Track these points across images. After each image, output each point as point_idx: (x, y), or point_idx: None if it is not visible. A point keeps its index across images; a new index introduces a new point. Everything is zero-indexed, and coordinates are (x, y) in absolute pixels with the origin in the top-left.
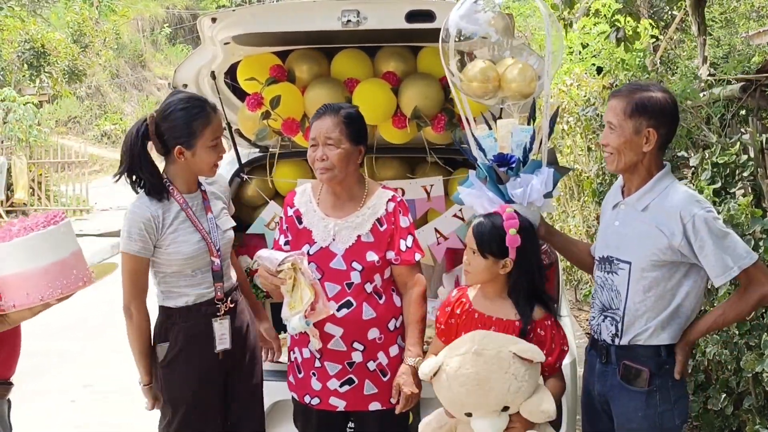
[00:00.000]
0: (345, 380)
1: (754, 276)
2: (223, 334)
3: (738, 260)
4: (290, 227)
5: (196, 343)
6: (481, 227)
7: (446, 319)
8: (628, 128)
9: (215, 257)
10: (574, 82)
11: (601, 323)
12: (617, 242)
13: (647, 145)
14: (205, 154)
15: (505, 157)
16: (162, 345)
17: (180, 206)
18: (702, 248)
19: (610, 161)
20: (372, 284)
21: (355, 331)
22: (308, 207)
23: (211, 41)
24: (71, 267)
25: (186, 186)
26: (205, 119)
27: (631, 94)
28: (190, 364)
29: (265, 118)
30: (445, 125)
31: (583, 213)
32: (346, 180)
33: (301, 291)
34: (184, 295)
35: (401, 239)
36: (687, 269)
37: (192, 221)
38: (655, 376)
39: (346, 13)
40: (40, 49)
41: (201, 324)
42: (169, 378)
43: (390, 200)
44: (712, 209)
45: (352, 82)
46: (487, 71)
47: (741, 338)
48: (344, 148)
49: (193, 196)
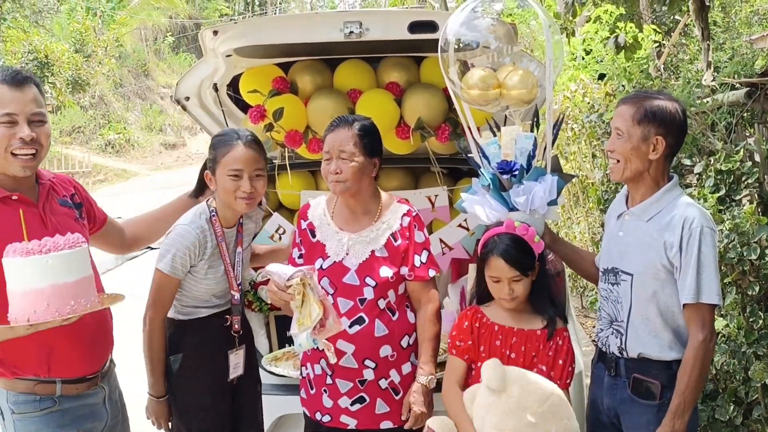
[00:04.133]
0: (356, 398)
1: (702, 317)
2: (237, 363)
3: (708, 295)
4: (303, 240)
5: (208, 353)
6: (510, 253)
7: (468, 335)
8: (636, 135)
9: (235, 291)
10: (579, 88)
11: (609, 336)
12: (621, 253)
13: (654, 153)
14: (224, 182)
15: (508, 164)
16: (175, 356)
17: (217, 239)
18: (687, 264)
19: (616, 170)
20: (385, 300)
21: (367, 349)
22: (322, 220)
23: (213, 53)
24: (44, 298)
25: (224, 219)
26: (227, 146)
27: (640, 100)
28: (203, 375)
29: (269, 131)
30: (449, 135)
31: (588, 220)
32: (361, 193)
33: (309, 307)
34: (197, 313)
35: (416, 254)
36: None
37: (222, 255)
38: (666, 388)
39: (349, 25)
40: (44, 60)
41: (214, 339)
42: (183, 389)
43: (405, 215)
44: (716, 230)
45: (355, 93)
46: (487, 79)
47: (749, 347)
48: (358, 161)
49: (230, 230)
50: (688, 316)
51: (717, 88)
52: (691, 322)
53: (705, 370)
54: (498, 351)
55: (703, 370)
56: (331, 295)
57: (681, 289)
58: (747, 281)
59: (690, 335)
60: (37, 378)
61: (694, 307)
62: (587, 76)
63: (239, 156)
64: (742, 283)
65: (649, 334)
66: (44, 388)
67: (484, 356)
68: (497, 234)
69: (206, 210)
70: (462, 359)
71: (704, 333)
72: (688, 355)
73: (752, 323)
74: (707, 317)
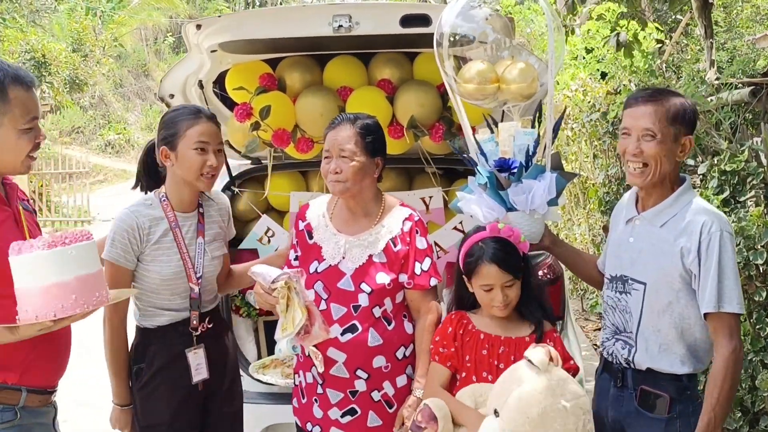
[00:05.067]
0: (347, 410)
1: (729, 326)
2: (199, 364)
3: (730, 303)
4: (300, 242)
5: (173, 366)
6: (501, 257)
7: (451, 342)
8: (670, 136)
9: (194, 284)
10: (579, 87)
11: (614, 346)
12: (632, 260)
13: (682, 154)
14: (188, 157)
15: (506, 161)
16: (140, 366)
17: (169, 224)
18: (707, 271)
19: (644, 173)
20: (381, 308)
21: (359, 358)
22: (320, 221)
23: (197, 49)
24: (71, 291)
25: (181, 203)
26: (192, 119)
27: (662, 99)
28: (167, 388)
29: (255, 129)
30: (443, 134)
31: (589, 221)
32: (361, 194)
33: (293, 312)
34: (159, 315)
35: (417, 261)
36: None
37: (177, 242)
38: (675, 402)
39: (338, 18)
40: (41, 59)
41: (178, 346)
42: (146, 402)
43: (407, 219)
44: (733, 234)
45: (345, 90)
46: (485, 72)
47: (756, 355)
48: (359, 161)
49: (187, 216)
50: (713, 327)
51: (721, 87)
52: (717, 332)
53: (736, 383)
54: (485, 361)
55: (734, 383)
56: (324, 301)
57: (701, 299)
58: (754, 287)
59: (717, 346)
60: (4, 384)
61: (717, 316)
62: (587, 74)
63: (206, 129)
64: (749, 289)
65: (660, 347)
66: (8, 395)
67: (469, 366)
68: (481, 239)
69: (152, 196)
70: (444, 366)
71: (733, 343)
72: (717, 367)
73: (759, 330)
74: (734, 326)
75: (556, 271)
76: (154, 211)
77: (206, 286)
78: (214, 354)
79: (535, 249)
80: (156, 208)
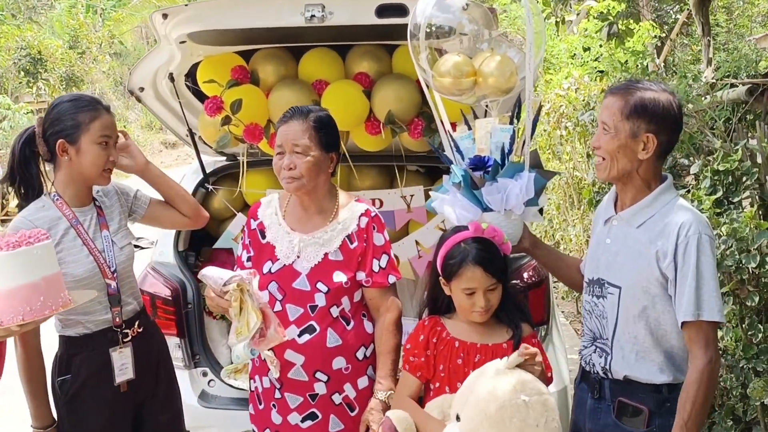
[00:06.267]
0: (307, 414)
1: (706, 336)
2: (124, 364)
3: (709, 312)
4: (253, 241)
5: (101, 374)
6: (485, 259)
7: (422, 351)
8: (624, 131)
9: (110, 279)
10: (572, 85)
11: (592, 354)
12: (608, 263)
13: (644, 153)
14: (92, 152)
15: (481, 159)
16: (64, 379)
17: (69, 222)
18: (684, 276)
19: (602, 167)
20: (339, 308)
21: (318, 360)
22: (273, 220)
23: (165, 40)
24: (39, 293)
25: (76, 198)
26: (94, 112)
27: (629, 91)
28: (96, 398)
29: (226, 124)
30: (422, 131)
31: (584, 222)
32: (316, 191)
33: (248, 315)
34: (80, 323)
35: (374, 259)
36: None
37: (83, 239)
38: (654, 415)
39: (310, 8)
40: (37, 56)
41: (105, 353)
42: (74, 415)
43: (363, 215)
44: (713, 238)
45: (320, 84)
46: (461, 66)
47: (747, 362)
48: (314, 156)
49: (84, 211)
50: (688, 336)
51: (716, 84)
52: (692, 342)
53: (710, 396)
54: (460, 371)
55: (707, 397)
56: (279, 302)
57: (678, 306)
58: (746, 291)
59: (692, 357)
60: None
61: (695, 325)
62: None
63: (108, 122)
64: (741, 293)
65: (637, 355)
66: None
67: (443, 376)
68: (463, 240)
69: (43, 198)
70: (414, 376)
71: (708, 354)
72: (690, 380)
73: (751, 336)
74: (711, 336)
75: (542, 274)
76: (49, 212)
77: (123, 279)
78: (143, 358)
79: (514, 252)
80: (50, 208)
